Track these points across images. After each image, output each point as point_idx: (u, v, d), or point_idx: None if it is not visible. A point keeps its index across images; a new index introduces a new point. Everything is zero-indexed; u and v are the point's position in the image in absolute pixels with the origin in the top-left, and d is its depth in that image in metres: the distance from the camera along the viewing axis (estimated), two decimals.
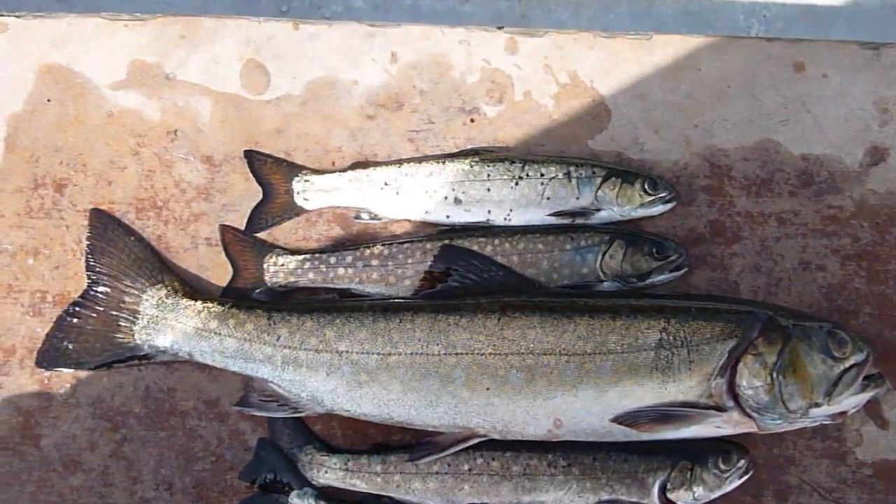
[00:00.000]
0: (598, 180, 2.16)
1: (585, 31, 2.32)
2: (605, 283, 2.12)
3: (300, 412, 2.02)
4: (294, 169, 2.20)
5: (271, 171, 2.20)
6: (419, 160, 2.20)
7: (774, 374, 1.91)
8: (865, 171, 2.27)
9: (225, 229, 2.18)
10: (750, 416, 1.93)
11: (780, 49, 2.33)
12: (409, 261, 2.13)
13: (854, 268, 2.23)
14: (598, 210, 2.17)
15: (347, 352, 1.98)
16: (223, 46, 2.27)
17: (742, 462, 2.02)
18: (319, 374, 1.99)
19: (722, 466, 2.01)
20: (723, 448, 2.03)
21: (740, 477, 2.03)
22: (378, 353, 1.97)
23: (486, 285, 2.05)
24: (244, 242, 2.17)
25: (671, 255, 2.14)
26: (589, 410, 1.93)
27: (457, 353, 1.95)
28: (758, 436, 2.03)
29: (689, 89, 2.30)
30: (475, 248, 2.12)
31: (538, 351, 1.93)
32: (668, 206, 2.19)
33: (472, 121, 2.28)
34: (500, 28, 2.31)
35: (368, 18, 3.35)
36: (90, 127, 2.23)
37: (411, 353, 1.96)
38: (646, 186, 2.16)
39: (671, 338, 1.93)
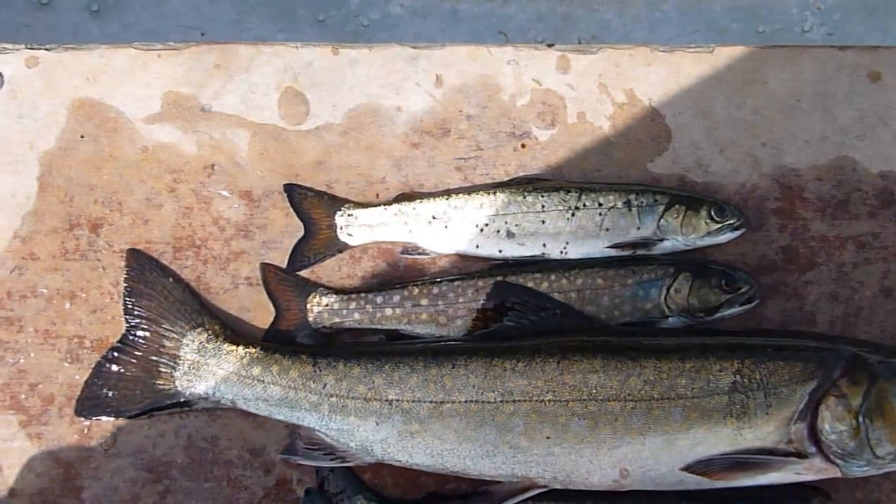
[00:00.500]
0: (661, 208, 2.03)
1: (642, 46, 2.18)
2: (670, 319, 2.00)
3: (349, 461, 1.93)
4: (336, 203, 2.10)
5: (312, 206, 2.10)
6: (468, 191, 2.09)
7: (860, 418, 1.78)
8: None
9: (266, 268, 2.09)
10: (833, 463, 1.80)
11: (853, 57, 2.18)
12: (461, 299, 2.01)
13: None
14: (662, 240, 2.04)
15: (398, 400, 1.88)
16: (260, 75, 2.17)
17: None
18: (369, 424, 1.89)
19: None
20: (803, 494, 1.90)
21: None
22: (430, 402, 1.87)
23: (542, 325, 1.94)
24: (286, 281, 2.07)
25: (742, 286, 2.01)
26: (658, 459, 1.81)
27: (514, 401, 1.84)
28: (839, 479, 1.88)
29: (755, 105, 2.16)
30: (530, 284, 2.00)
31: (602, 397, 1.82)
32: (737, 233, 2.05)
33: (522, 146, 2.15)
34: (550, 45, 2.18)
35: (406, 25, 3.26)
36: (125, 163, 2.15)
37: (466, 401, 1.85)
38: (712, 213, 2.03)
39: (746, 380, 1.81)
